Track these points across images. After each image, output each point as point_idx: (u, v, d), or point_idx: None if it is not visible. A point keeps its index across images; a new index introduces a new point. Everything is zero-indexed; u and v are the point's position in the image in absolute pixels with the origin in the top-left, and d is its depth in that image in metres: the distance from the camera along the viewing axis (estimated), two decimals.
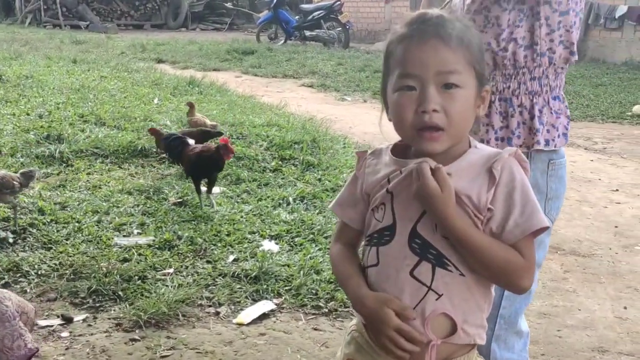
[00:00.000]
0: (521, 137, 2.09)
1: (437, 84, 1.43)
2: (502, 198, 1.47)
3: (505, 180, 1.48)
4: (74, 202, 4.57)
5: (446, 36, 1.44)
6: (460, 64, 1.45)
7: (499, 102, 2.09)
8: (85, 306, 3.33)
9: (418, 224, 1.51)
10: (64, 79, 9.16)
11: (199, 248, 3.97)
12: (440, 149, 1.47)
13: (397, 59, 1.49)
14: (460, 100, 1.45)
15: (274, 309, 3.37)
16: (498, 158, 1.49)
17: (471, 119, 1.51)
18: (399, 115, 1.48)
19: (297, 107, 8.31)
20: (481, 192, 1.48)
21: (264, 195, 4.92)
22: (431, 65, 1.43)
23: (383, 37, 18.74)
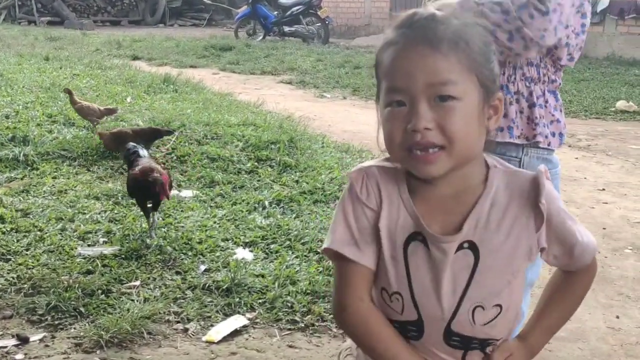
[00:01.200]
0: (519, 127, 1.92)
1: (430, 96, 1.22)
2: (558, 231, 1.32)
3: (554, 210, 1.31)
4: (37, 209, 4.33)
5: (436, 40, 1.22)
6: (455, 71, 1.22)
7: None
8: (44, 324, 3.10)
9: (452, 321, 1.31)
10: (34, 77, 8.86)
11: (168, 258, 3.75)
12: (438, 172, 1.25)
13: (384, 70, 1.28)
14: (458, 113, 1.22)
15: (247, 325, 3.16)
16: (541, 188, 1.29)
17: (478, 134, 1.27)
18: (387, 134, 1.27)
19: (275, 105, 8.09)
20: (529, 237, 1.30)
21: (238, 199, 4.70)
22: (420, 77, 1.22)
23: (363, 33, 18.59)
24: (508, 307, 1.32)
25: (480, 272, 1.29)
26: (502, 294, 1.31)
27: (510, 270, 1.30)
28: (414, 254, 1.31)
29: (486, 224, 1.29)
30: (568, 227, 1.32)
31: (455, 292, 1.29)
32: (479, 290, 1.29)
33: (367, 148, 6.27)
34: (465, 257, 1.29)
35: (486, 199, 1.30)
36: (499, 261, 1.29)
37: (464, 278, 1.29)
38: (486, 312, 1.30)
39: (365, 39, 17.45)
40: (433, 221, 1.30)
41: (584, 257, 1.36)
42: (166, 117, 6.48)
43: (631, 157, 6.62)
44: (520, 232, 1.29)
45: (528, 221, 1.29)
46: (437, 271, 1.30)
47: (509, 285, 1.31)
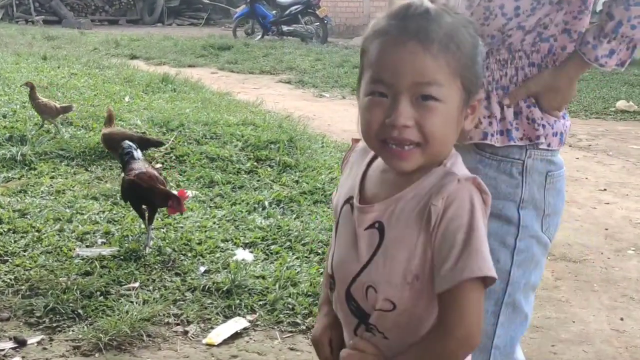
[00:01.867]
0: (520, 129, 1.83)
1: (413, 94, 1.21)
2: (442, 238, 1.22)
3: (449, 215, 1.21)
4: (35, 209, 4.29)
5: (428, 40, 1.19)
6: (442, 73, 1.20)
7: (496, 92, 1.83)
8: (41, 326, 3.06)
9: (351, 287, 1.33)
10: (32, 76, 8.79)
11: (168, 259, 3.70)
12: (408, 167, 1.25)
13: (370, 59, 1.25)
14: (438, 115, 1.21)
15: (247, 327, 3.12)
16: (441, 190, 1.22)
17: (454, 134, 1.28)
18: (365, 123, 1.27)
19: (274, 105, 8.04)
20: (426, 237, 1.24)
21: (238, 199, 4.66)
22: (406, 74, 1.20)
23: (362, 32, 18.43)
24: (404, 311, 1.27)
25: (380, 255, 1.29)
26: (398, 292, 1.26)
27: (409, 269, 1.25)
28: (343, 215, 1.38)
29: (401, 212, 1.27)
30: (450, 240, 1.20)
31: (359, 262, 1.31)
32: (375, 273, 1.29)
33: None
34: (372, 235, 1.30)
35: (413, 189, 1.27)
36: (400, 253, 1.26)
37: (367, 255, 1.31)
38: (378, 298, 1.29)
39: None
40: (368, 192, 1.34)
41: (447, 277, 1.20)
42: (165, 116, 6.43)
43: (632, 157, 6.59)
44: (423, 232, 1.24)
45: (427, 221, 1.23)
46: (352, 237, 1.33)
47: (410, 288, 1.25)
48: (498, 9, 1.79)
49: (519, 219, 1.79)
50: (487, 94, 1.82)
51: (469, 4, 1.82)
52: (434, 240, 1.22)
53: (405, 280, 1.26)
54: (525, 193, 1.80)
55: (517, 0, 1.78)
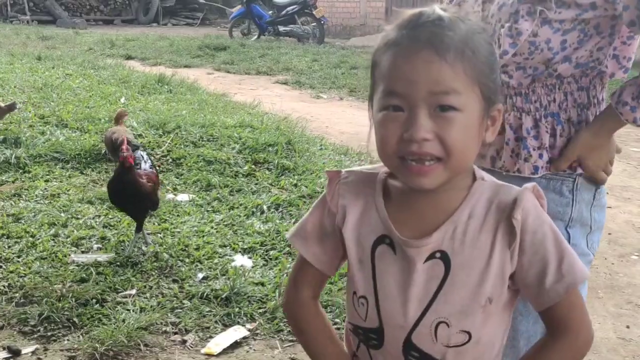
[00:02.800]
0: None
1: (430, 105, 1.13)
2: (532, 252, 1.18)
3: (532, 227, 1.18)
4: (29, 214, 4.21)
5: (442, 47, 1.12)
6: (460, 81, 1.13)
7: (546, 119, 1.72)
8: (36, 335, 2.99)
9: (414, 333, 1.22)
10: (26, 77, 8.72)
11: (165, 265, 3.63)
12: (431, 184, 1.17)
13: (382, 72, 1.17)
14: (458, 125, 1.14)
15: (247, 336, 3.05)
16: (517, 202, 1.18)
17: (475, 147, 1.20)
18: (381, 139, 1.18)
19: (271, 106, 7.98)
20: (503, 257, 1.19)
21: (236, 203, 4.59)
22: (422, 84, 1.12)
23: (358, 33, 18.48)
24: (479, 339, 1.21)
25: (449, 285, 1.20)
26: (473, 319, 1.20)
27: (483, 292, 1.19)
28: (381, 257, 1.25)
29: (462, 235, 1.20)
30: (543, 251, 1.18)
31: (421, 301, 1.21)
32: (446, 305, 1.20)
33: (365, 151, 6.16)
34: (436, 266, 1.21)
35: (465, 208, 1.21)
36: (471, 278, 1.19)
37: (432, 288, 1.21)
38: (451, 332, 1.20)
39: (361, 39, 17.35)
40: (405, 226, 1.24)
41: (556, 290, 1.18)
42: (161, 118, 6.35)
43: (633, 160, 6.54)
44: (497, 251, 1.19)
45: (503, 239, 1.19)
46: (404, 277, 1.23)
47: (483, 311, 1.20)
48: (544, 43, 1.69)
49: (568, 240, 1.64)
50: (535, 122, 1.73)
51: (512, 42, 1.70)
52: (519, 256, 1.19)
53: (479, 304, 1.20)
54: (575, 212, 1.72)
55: (563, 35, 1.68)
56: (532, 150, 1.72)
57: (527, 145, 1.73)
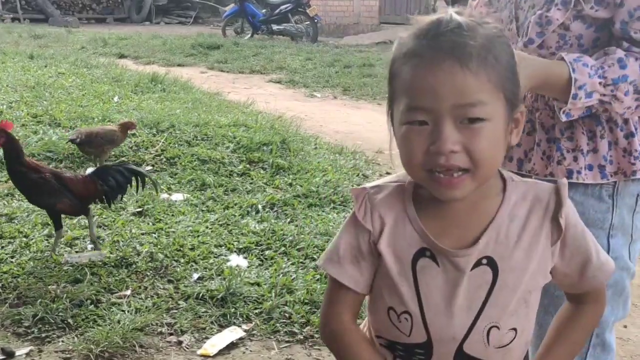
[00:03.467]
0: (614, 163, 1.63)
1: (456, 117, 1.10)
2: (574, 245, 1.24)
3: (572, 223, 1.23)
4: (23, 214, 4.18)
5: (465, 56, 1.09)
6: (485, 90, 1.10)
7: (583, 120, 1.63)
8: (30, 337, 2.95)
9: (465, 342, 1.21)
10: (19, 75, 8.67)
11: (160, 265, 3.60)
12: (461, 195, 1.15)
13: (403, 84, 1.14)
14: (486, 135, 1.11)
15: (243, 337, 3.02)
16: (562, 200, 1.21)
17: (502, 153, 1.18)
18: (407, 153, 1.15)
19: (265, 105, 7.95)
20: (545, 252, 1.22)
21: (231, 203, 4.56)
22: (447, 97, 1.09)
23: (352, 32, 18.47)
24: (523, 331, 1.24)
25: (498, 289, 1.20)
26: (518, 315, 1.22)
27: (528, 289, 1.22)
28: (423, 271, 1.22)
29: (506, 238, 1.20)
30: (584, 243, 1.25)
31: (471, 310, 1.20)
32: (497, 309, 1.20)
33: (360, 149, 6.15)
34: (483, 274, 1.20)
35: (505, 211, 1.21)
36: (518, 279, 1.20)
37: (481, 296, 1.20)
38: (501, 334, 1.21)
39: (354, 37, 17.34)
40: (445, 236, 1.22)
41: (597, 278, 1.27)
42: (155, 117, 6.32)
43: None
44: (538, 247, 1.21)
45: (546, 235, 1.22)
46: (450, 288, 1.21)
47: (526, 305, 1.23)
48: (575, 38, 1.61)
49: (608, 251, 1.60)
50: (570, 122, 1.63)
51: (540, 31, 1.62)
52: (560, 250, 1.23)
53: (524, 300, 1.23)
54: (616, 218, 1.64)
55: (597, 32, 1.60)
56: (566, 153, 1.64)
57: (560, 147, 1.64)
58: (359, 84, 10.12)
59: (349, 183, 5.00)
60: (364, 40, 16.15)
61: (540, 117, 1.69)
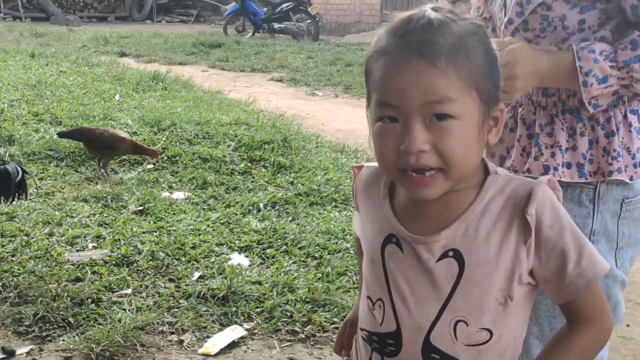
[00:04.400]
0: (594, 163, 1.58)
1: (425, 115, 1.10)
2: (549, 247, 1.15)
3: (548, 222, 1.14)
4: (23, 212, 4.17)
5: (433, 54, 1.08)
6: (454, 87, 1.09)
7: (564, 116, 1.59)
8: (31, 336, 2.94)
9: (432, 333, 1.19)
10: (20, 74, 8.67)
11: (161, 264, 3.59)
12: (435, 194, 1.14)
13: (375, 82, 1.15)
14: (456, 133, 1.10)
15: (245, 336, 3.01)
16: (532, 197, 1.14)
17: (477, 152, 1.16)
18: (379, 152, 1.16)
19: (266, 103, 7.94)
20: (519, 253, 1.16)
21: (232, 201, 4.55)
22: (414, 94, 1.09)
23: (353, 30, 18.45)
24: (501, 336, 1.19)
25: (465, 283, 1.17)
26: (492, 317, 1.18)
27: (500, 288, 1.17)
28: (390, 257, 1.23)
29: (475, 232, 1.17)
30: (561, 245, 1.15)
31: (436, 300, 1.18)
32: (463, 303, 1.17)
33: (362, 148, 6.14)
34: (449, 265, 1.18)
35: (478, 205, 1.18)
36: (487, 275, 1.16)
37: (447, 287, 1.18)
38: (470, 331, 1.18)
39: (356, 36, 17.33)
40: (412, 225, 1.21)
41: (577, 283, 1.16)
42: (156, 115, 6.32)
43: None
44: (510, 245, 1.16)
45: (517, 233, 1.16)
46: (414, 276, 1.20)
47: (503, 309, 1.18)
48: (558, 20, 1.55)
49: None
50: (551, 118, 1.60)
51: (520, 11, 1.58)
52: (536, 250, 1.16)
53: (498, 302, 1.17)
54: (597, 224, 1.58)
55: (582, 13, 1.53)
56: (544, 149, 1.60)
57: (538, 142, 1.61)
58: (360, 82, 10.10)
59: (350, 181, 4.98)
60: (366, 39, 16.11)
61: (522, 113, 1.66)
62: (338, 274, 3.50)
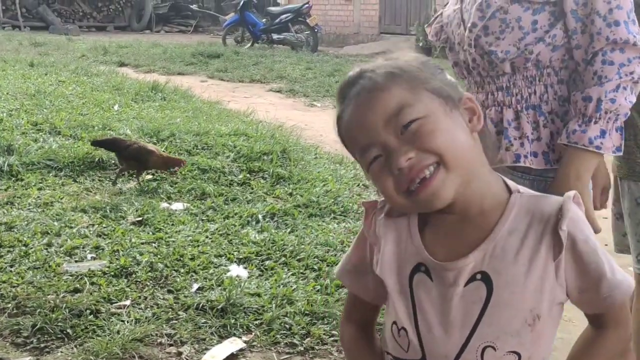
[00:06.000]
0: (556, 152, 1.77)
1: (395, 131, 1.14)
2: (586, 261, 1.17)
3: (580, 237, 1.16)
4: (22, 222, 4.16)
5: (370, 83, 1.17)
6: (403, 95, 1.15)
7: (527, 111, 1.77)
8: (29, 347, 2.93)
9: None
10: (19, 83, 8.69)
11: (160, 275, 3.58)
12: (446, 193, 1.14)
13: (347, 141, 1.23)
14: (431, 128, 1.13)
15: (244, 348, 3.00)
16: (564, 213, 1.15)
17: (464, 139, 1.17)
18: (382, 190, 1.20)
19: (265, 114, 7.95)
20: (549, 270, 1.17)
21: (231, 212, 4.55)
22: (374, 120, 1.15)
23: (352, 41, 18.50)
24: (530, 358, 1.19)
25: (493, 306, 1.17)
26: (520, 339, 1.17)
27: (529, 308, 1.17)
28: (418, 286, 1.23)
29: (502, 252, 1.17)
30: (595, 258, 1.17)
31: (464, 327, 1.18)
32: (491, 328, 1.17)
33: None
34: (477, 289, 1.18)
35: (503, 224, 1.18)
36: (516, 295, 1.16)
37: (475, 312, 1.18)
38: (498, 355, 1.17)
39: (355, 47, 17.37)
40: (440, 249, 1.22)
41: (613, 295, 1.18)
42: (155, 126, 6.33)
43: None
44: (538, 263, 1.16)
45: (547, 250, 1.16)
46: (443, 303, 1.20)
47: (531, 330, 1.17)
48: (515, 21, 1.74)
49: None
50: (517, 114, 1.77)
51: (482, 15, 1.78)
52: (571, 265, 1.17)
53: (527, 323, 1.17)
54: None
55: (534, 14, 1.74)
56: (513, 140, 1.77)
57: (508, 135, 1.78)
58: None
59: (349, 193, 4.99)
60: (364, 50, 16.16)
61: (490, 114, 1.83)
62: (337, 286, 3.49)
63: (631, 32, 1.67)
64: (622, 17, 1.67)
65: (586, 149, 1.68)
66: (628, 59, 1.67)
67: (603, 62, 1.68)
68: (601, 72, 1.67)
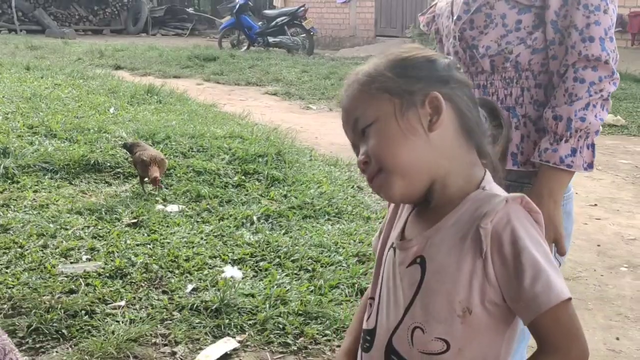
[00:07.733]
0: (524, 154, 1.81)
1: (357, 136, 1.28)
2: (506, 265, 1.14)
3: (509, 238, 1.14)
4: (18, 224, 4.18)
5: (341, 100, 1.33)
6: (360, 99, 1.26)
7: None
8: (24, 347, 2.95)
9: (394, 336, 1.25)
10: (15, 86, 8.69)
11: (154, 276, 3.61)
12: (395, 195, 1.25)
13: None
14: (376, 135, 1.24)
15: (237, 348, 3.03)
16: (489, 211, 1.16)
17: (412, 143, 1.22)
18: None
19: (260, 117, 7.98)
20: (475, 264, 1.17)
21: (226, 214, 4.57)
22: (347, 129, 1.31)
23: (348, 44, 18.54)
24: (461, 352, 1.19)
25: (424, 290, 1.22)
26: (449, 328, 1.19)
27: (457, 300, 1.18)
28: (387, 261, 1.33)
29: (440, 242, 1.22)
30: (517, 264, 1.13)
31: (402, 304, 1.25)
32: (422, 311, 1.22)
33: (354, 162, 6.15)
34: (415, 272, 1.24)
35: (452, 217, 1.22)
36: (445, 285, 1.19)
37: (410, 293, 1.24)
38: (426, 339, 1.20)
39: (350, 50, 17.41)
40: (411, 231, 1.30)
41: (530, 308, 1.12)
42: (150, 128, 6.34)
43: (621, 172, 6.57)
44: (469, 259, 1.17)
45: (474, 247, 1.17)
46: (394, 280, 1.28)
47: (461, 322, 1.18)
48: (499, 17, 1.78)
49: None
50: None
51: (467, 9, 1.82)
52: (492, 267, 1.15)
53: (455, 314, 1.18)
54: None
55: (519, 14, 1.76)
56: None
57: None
58: None
59: (343, 195, 5.02)
60: (360, 53, 16.20)
61: None
62: (330, 286, 3.52)
63: (605, 49, 1.68)
64: (599, 33, 1.68)
65: (557, 168, 1.71)
66: (599, 77, 1.68)
67: (575, 80, 1.69)
68: (572, 90, 1.69)
